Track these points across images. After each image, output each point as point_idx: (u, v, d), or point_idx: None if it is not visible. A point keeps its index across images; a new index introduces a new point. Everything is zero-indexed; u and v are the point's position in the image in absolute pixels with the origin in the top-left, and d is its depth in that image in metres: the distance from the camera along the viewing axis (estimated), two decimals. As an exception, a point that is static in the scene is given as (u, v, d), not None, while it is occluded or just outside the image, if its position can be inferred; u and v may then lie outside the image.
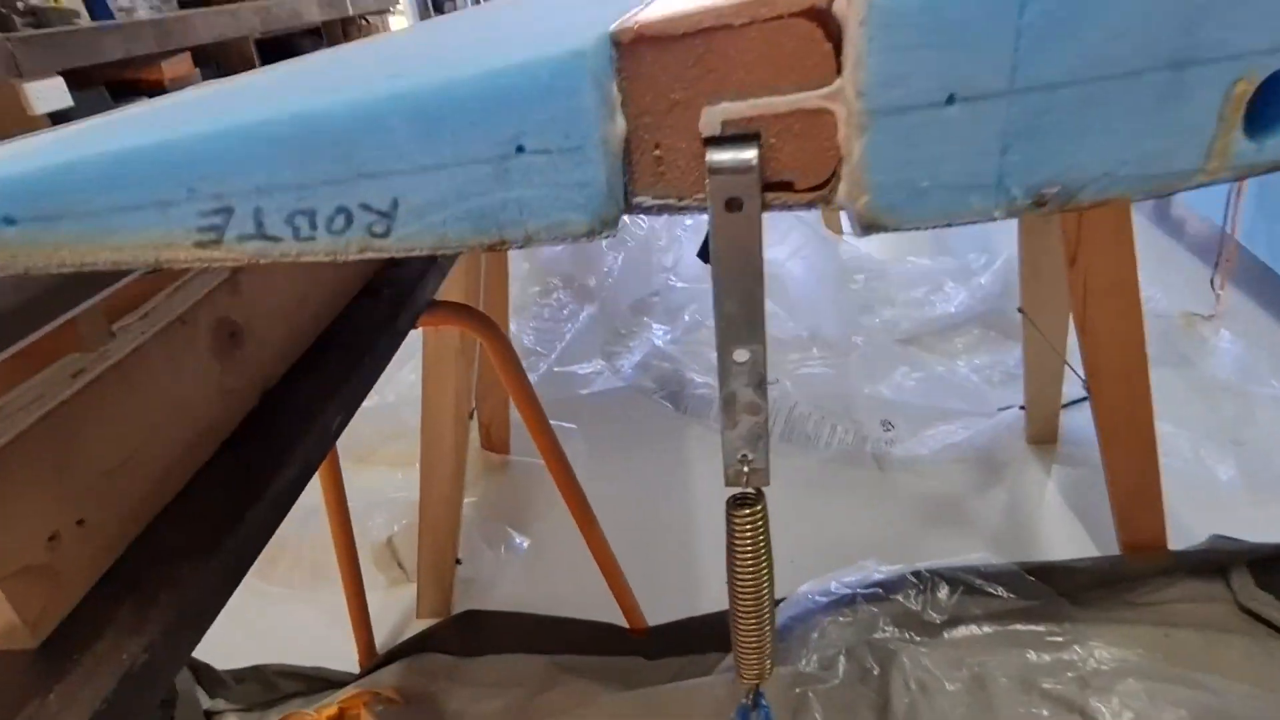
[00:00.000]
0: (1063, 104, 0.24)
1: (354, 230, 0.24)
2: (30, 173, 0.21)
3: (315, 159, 0.22)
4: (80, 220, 0.22)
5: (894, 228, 0.25)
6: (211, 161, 0.22)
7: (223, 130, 0.22)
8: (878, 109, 0.23)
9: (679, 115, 0.26)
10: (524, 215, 0.25)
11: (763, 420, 0.33)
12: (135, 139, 0.22)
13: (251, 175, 0.22)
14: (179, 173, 0.22)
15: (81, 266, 0.23)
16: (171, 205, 0.22)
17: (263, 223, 0.23)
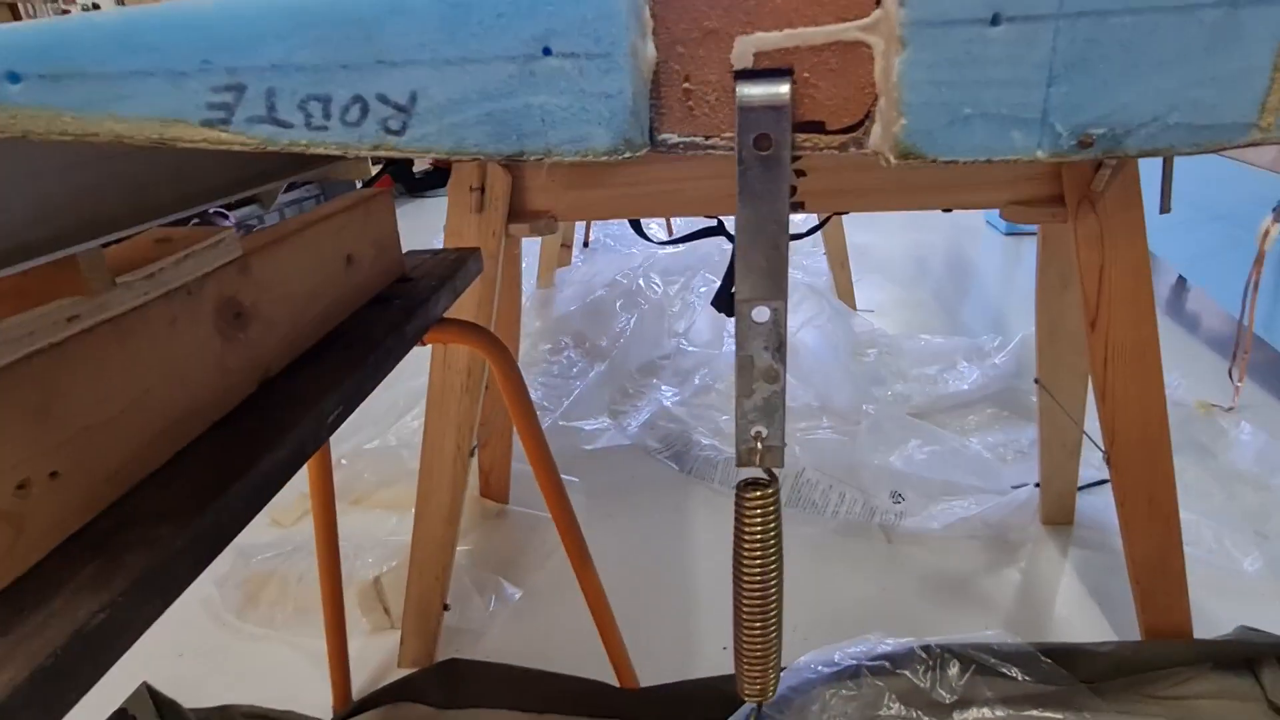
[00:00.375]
0: (1113, 34, 0.23)
1: (369, 123, 0.23)
2: (42, 30, 0.21)
3: (335, 39, 0.22)
4: (88, 83, 0.21)
5: (931, 157, 0.24)
6: (228, 32, 0.21)
7: (243, 2, 0.21)
8: (920, 20, 0.22)
9: (711, 45, 0.26)
10: (546, 124, 0.24)
11: (780, 389, 0.31)
12: (154, 9, 0.22)
13: (267, 51, 0.21)
14: (194, 41, 0.21)
15: (83, 136, 0.22)
16: (184, 77, 0.21)
17: (275, 105, 0.22)
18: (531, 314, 2.57)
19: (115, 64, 0.21)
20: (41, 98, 0.21)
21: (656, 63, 0.26)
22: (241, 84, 0.22)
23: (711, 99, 0.27)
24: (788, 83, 0.26)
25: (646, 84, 0.26)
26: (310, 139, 0.23)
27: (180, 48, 0.21)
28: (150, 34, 0.21)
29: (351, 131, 0.23)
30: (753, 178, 0.27)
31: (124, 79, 0.21)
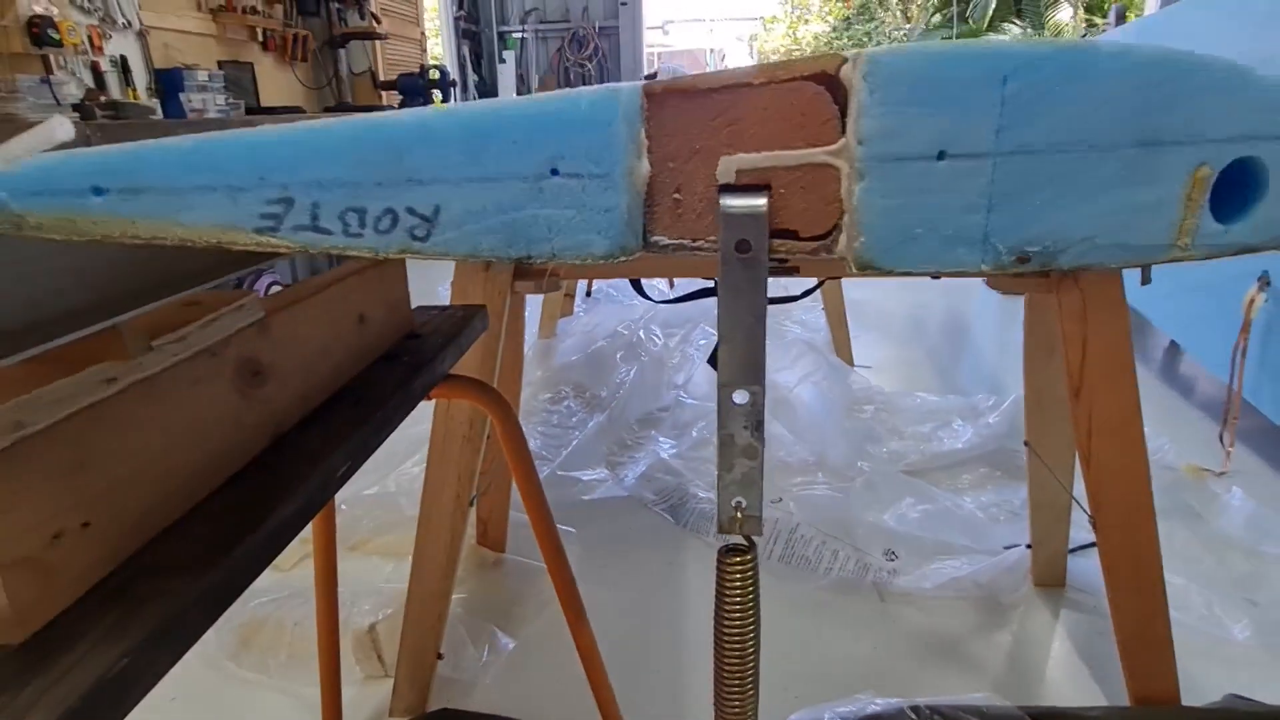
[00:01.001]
0: (1043, 168, 0.26)
1: (398, 231, 0.26)
2: (124, 151, 0.24)
3: (372, 161, 0.25)
4: (159, 196, 0.25)
5: (886, 270, 0.27)
6: (281, 155, 0.25)
7: (294, 131, 0.25)
8: (875, 156, 0.26)
9: (699, 163, 0.29)
10: (552, 233, 0.27)
11: (758, 466, 0.34)
12: (219, 136, 0.25)
13: (314, 170, 0.25)
14: (252, 161, 0.25)
15: (152, 239, 0.25)
16: (241, 191, 0.25)
17: (318, 216, 0.26)
18: (533, 363, 2.60)
19: (182, 181, 0.25)
20: (120, 209, 0.25)
21: (650, 176, 0.29)
22: (290, 198, 0.25)
23: (698, 208, 0.30)
24: (765, 197, 0.29)
25: (641, 196, 0.29)
26: (347, 244, 0.26)
27: (240, 166, 0.25)
28: (213, 156, 0.25)
29: (382, 238, 0.26)
30: (733, 276, 0.30)
31: (189, 193, 0.25)
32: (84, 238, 0.25)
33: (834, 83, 0.28)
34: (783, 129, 0.29)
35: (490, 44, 8.16)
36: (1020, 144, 0.26)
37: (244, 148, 0.25)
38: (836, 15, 14.79)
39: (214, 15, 3.50)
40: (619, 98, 0.26)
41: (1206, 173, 0.28)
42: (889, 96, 0.25)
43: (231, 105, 3.33)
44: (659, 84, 0.29)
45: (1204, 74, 0.26)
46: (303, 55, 3.98)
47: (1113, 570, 1.01)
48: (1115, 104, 0.26)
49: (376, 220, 0.26)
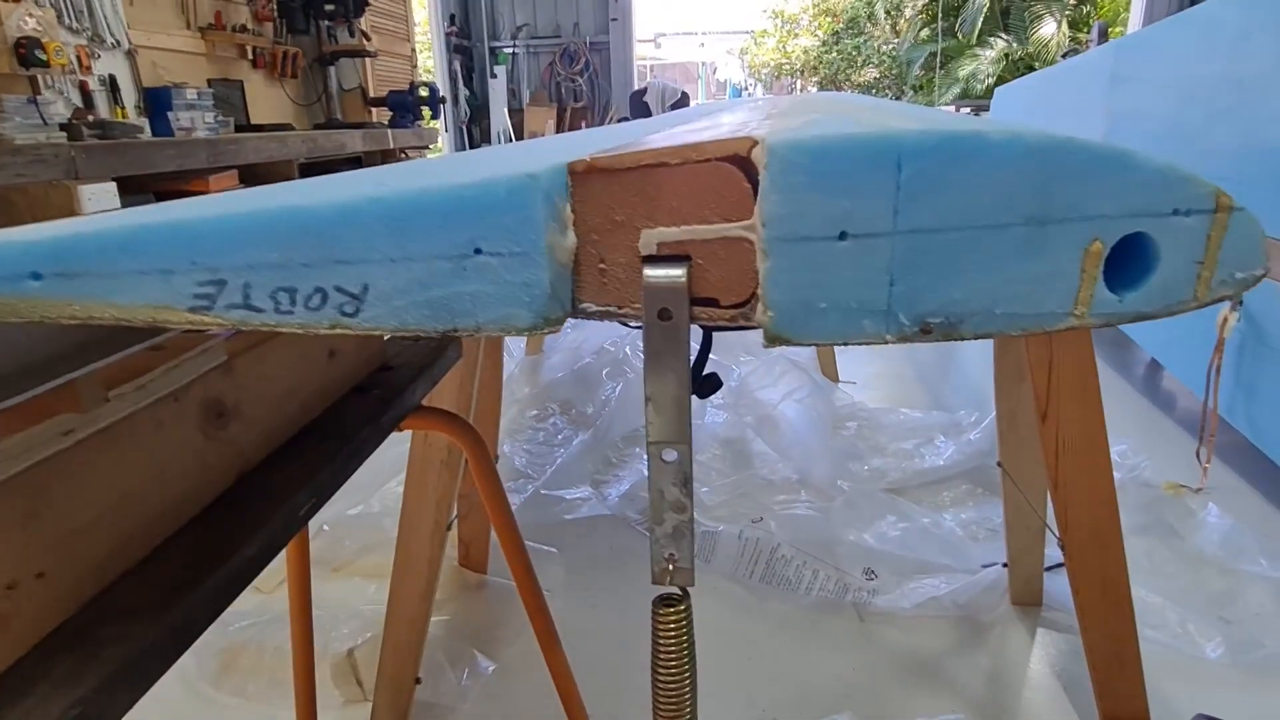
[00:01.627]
0: (940, 246, 0.28)
1: (327, 308, 0.28)
2: (59, 237, 0.26)
3: (298, 245, 0.27)
4: (95, 280, 0.26)
5: (794, 342, 0.29)
6: (212, 239, 0.26)
7: (224, 215, 0.26)
8: (779, 238, 0.27)
9: (621, 235, 0.31)
10: (476, 307, 0.29)
11: (688, 519, 0.35)
12: (151, 218, 0.27)
13: (245, 254, 0.26)
14: (184, 246, 0.26)
15: (88, 319, 0.26)
16: (173, 274, 0.26)
17: (250, 295, 0.27)
18: (520, 380, 2.62)
19: (117, 265, 0.26)
20: (56, 291, 0.26)
21: (577, 247, 0.31)
22: (223, 279, 0.26)
23: (622, 277, 0.32)
24: (685, 267, 0.31)
25: (566, 269, 0.31)
26: (278, 321, 0.27)
27: (172, 251, 0.26)
28: (148, 239, 0.26)
29: (313, 315, 0.27)
30: (656, 341, 0.32)
31: (124, 276, 0.26)
32: (23, 319, 0.26)
33: (746, 163, 0.29)
34: (700, 204, 0.30)
35: (482, 59, 8.21)
36: (917, 224, 0.28)
37: (175, 233, 0.26)
38: (825, 30, 14.93)
39: (203, 33, 3.52)
40: (537, 183, 0.28)
41: (1099, 247, 0.29)
42: (790, 183, 0.27)
43: (221, 123, 3.35)
44: (582, 162, 0.30)
45: (1089, 156, 0.28)
46: (292, 72, 4.00)
47: (1082, 591, 1.03)
48: (1005, 185, 0.28)
49: (307, 298, 0.27)
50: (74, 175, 1.88)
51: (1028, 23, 9.85)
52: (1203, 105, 2.06)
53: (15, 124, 2.48)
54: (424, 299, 0.28)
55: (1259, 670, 1.24)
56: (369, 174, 0.48)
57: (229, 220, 0.26)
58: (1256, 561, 1.50)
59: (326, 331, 0.28)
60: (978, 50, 10.25)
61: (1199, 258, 0.29)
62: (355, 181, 0.34)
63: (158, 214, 0.27)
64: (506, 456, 2.04)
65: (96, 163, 1.94)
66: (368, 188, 0.29)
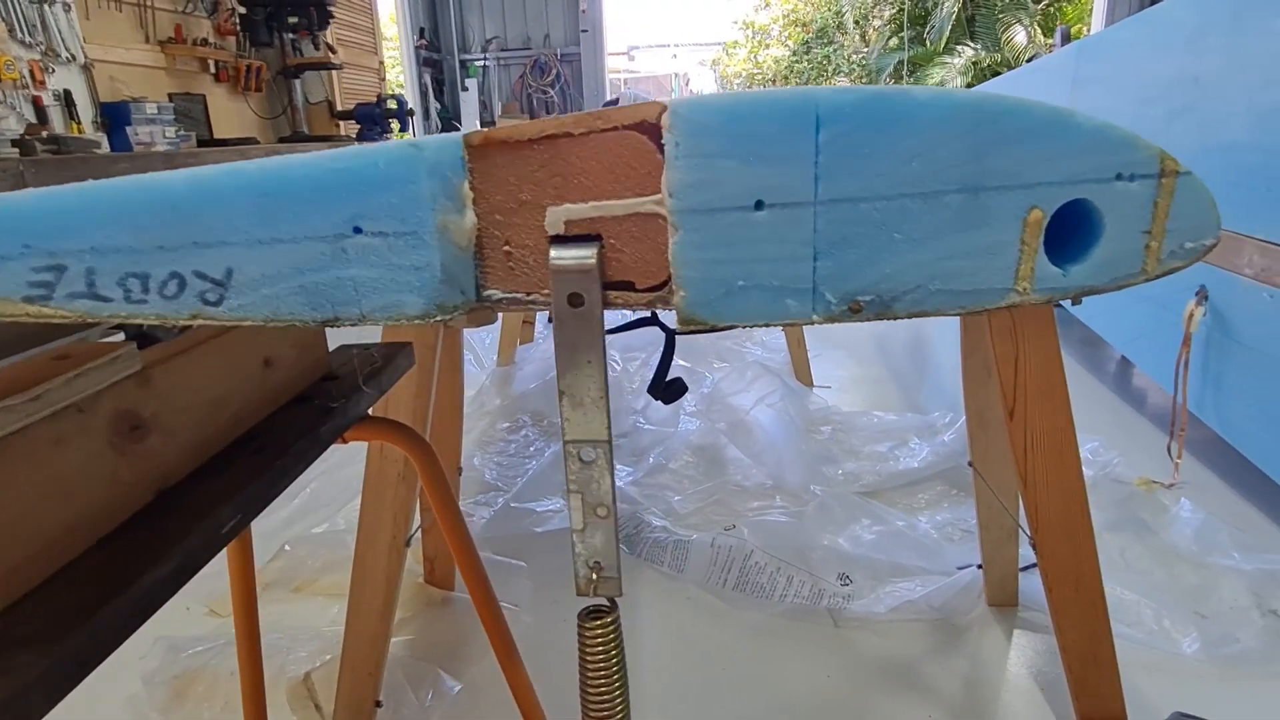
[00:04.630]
0: (868, 217, 0.26)
1: (186, 296, 0.25)
2: None
3: (152, 225, 0.24)
4: (-89, 266, 0.23)
5: (711, 325, 0.26)
6: (47, 219, 0.23)
7: (63, 192, 0.23)
8: (688, 209, 0.25)
9: (526, 214, 0.28)
10: (359, 294, 0.26)
11: (612, 524, 0.32)
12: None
13: (87, 235, 0.23)
14: (14, 228, 0.23)
15: (-93, 312, 0.23)
16: (4, 260, 0.23)
17: (94, 283, 0.24)
18: (491, 392, 2.57)
19: (-62, 250, 0.23)
20: None
21: (479, 229, 0.28)
22: (62, 264, 0.23)
23: (530, 261, 0.29)
24: (595, 248, 0.28)
25: (466, 252, 0.28)
26: (130, 311, 0.24)
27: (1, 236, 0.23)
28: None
29: (169, 304, 0.24)
30: (568, 330, 0.29)
31: (-54, 263, 0.23)
32: None
33: (656, 131, 0.27)
34: (609, 179, 0.28)
35: (452, 72, 8.18)
36: (842, 193, 0.25)
37: (4, 213, 0.23)
38: (796, 39, 15.07)
39: (163, 47, 3.46)
40: (421, 154, 0.25)
41: (1039, 216, 0.27)
42: (697, 148, 0.24)
43: (182, 137, 3.29)
44: (478, 134, 0.27)
45: (1025, 118, 0.25)
46: (256, 86, 3.94)
47: (1055, 590, 1.01)
48: (935, 149, 0.25)
49: (162, 285, 0.24)
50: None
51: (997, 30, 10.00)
52: (1162, 103, 2.08)
53: (-36, 139, 2.41)
54: (298, 285, 0.25)
55: (1234, 664, 1.23)
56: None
57: (67, 197, 0.23)
58: (1229, 555, 1.50)
59: (187, 322, 0.25)
60: (946, 58, 10.38)
61: (1145, 226, 0.27)
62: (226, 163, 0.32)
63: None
64: (477, 469, 2.00)
65: (46, 177, 1.88)
66: (234, 165, 0.26)
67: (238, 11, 3.76)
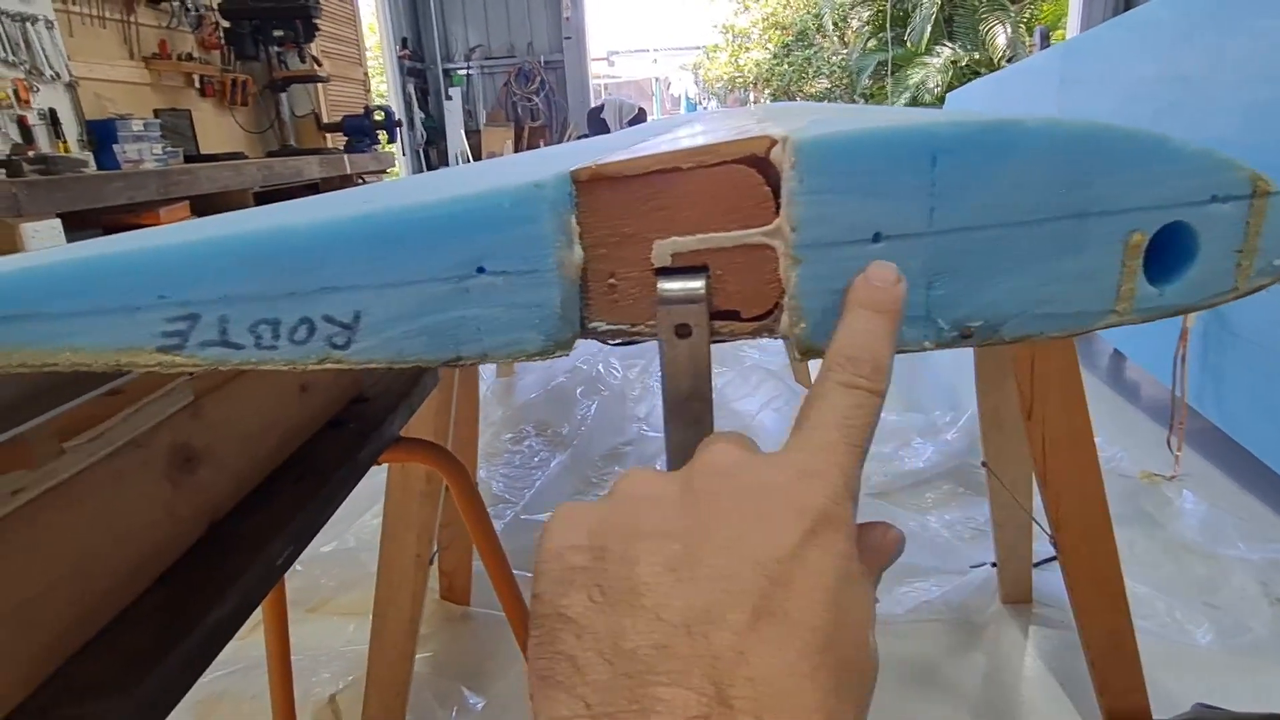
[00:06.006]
0: (978, 245, 0.26)
1: (315, 341, 0.25)
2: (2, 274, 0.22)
3: (281, 272, 0.24)
4: (46, 322, 0.23)
5: (831, 354, 0.27)
6: (182, 269, 0.23)
7: (195, 241, 0.23)
8: (810, 243, 0.25)
9: (631, 247, 0.29)
10: (481, 333, 0.26)
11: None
12: (109, 249, 0.24)
13: (219, 284, 0.23)
14: (149, 279, 0.23)
15: (42, 368, 0.23)
16: (139, 310, 0.23)
17: (226, 330, 0.24)
18: (493, 403, 2.57)
19: (71, 304, 0.23)
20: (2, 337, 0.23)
21: (584, 262, 0.28)
22: (195, 314, 0.23)
23: (635, 293, 0.29)
24: (703, 279, 0.28)
25: (574, 286, 0.28)
26: (260, 358, 0.24)
27: (135, 285, 0.23)
28: (105, 273, 0.23)
29: (299, 349, 0.25)
30: (675, 361, 0.29)
31: (80, 317, 0.23)
32: (-38, 370, 0.23)
33: (764, 164, 0.27)
34: (716, 211, 0.28)
35: (436, 81, 8.17)
36: (954, 222, 0.26)
37: (139, 264, 0.23)
38: (776, 42, 15.16)
39: (147, 63, 3.43)
40: (543, 193, 0.25)
41: (1139, 239, 0.27)
42: (820, 184, 0.25)
43: (170, 153, 3.26)
44: (586, 170, 0.28)
45: (1127, 145, 0.26)
46: (243, 100, 3.92)
47: (1077, 587, 1.02)
48: (1044, 178, 0.26)
49: (292, 331, 0.24)
50: (16, 212, 1.80)
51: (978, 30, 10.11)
52: (1148, 102, 2.11)
53: (-49, 162, 2.37)
54: (422, 326, 0.25)
55: (1248, 653, 1.25)
56: (356, 193, 0.45)
57: (199, 247, 0.23)
58: (1235, 545, 1.52)
59: (315, 367, 0.25)
60: (926, 58, 10.48)
61: (1238, 246, 0.28)
62: (341, 201, 0.32)
63: (116, 244, 0.24)
64: (484, 481, 1.99)
65: (41, 198, 1.86)
66: (355, 206, 0.26)
67: (222, 26, 3.73)
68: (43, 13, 2.81)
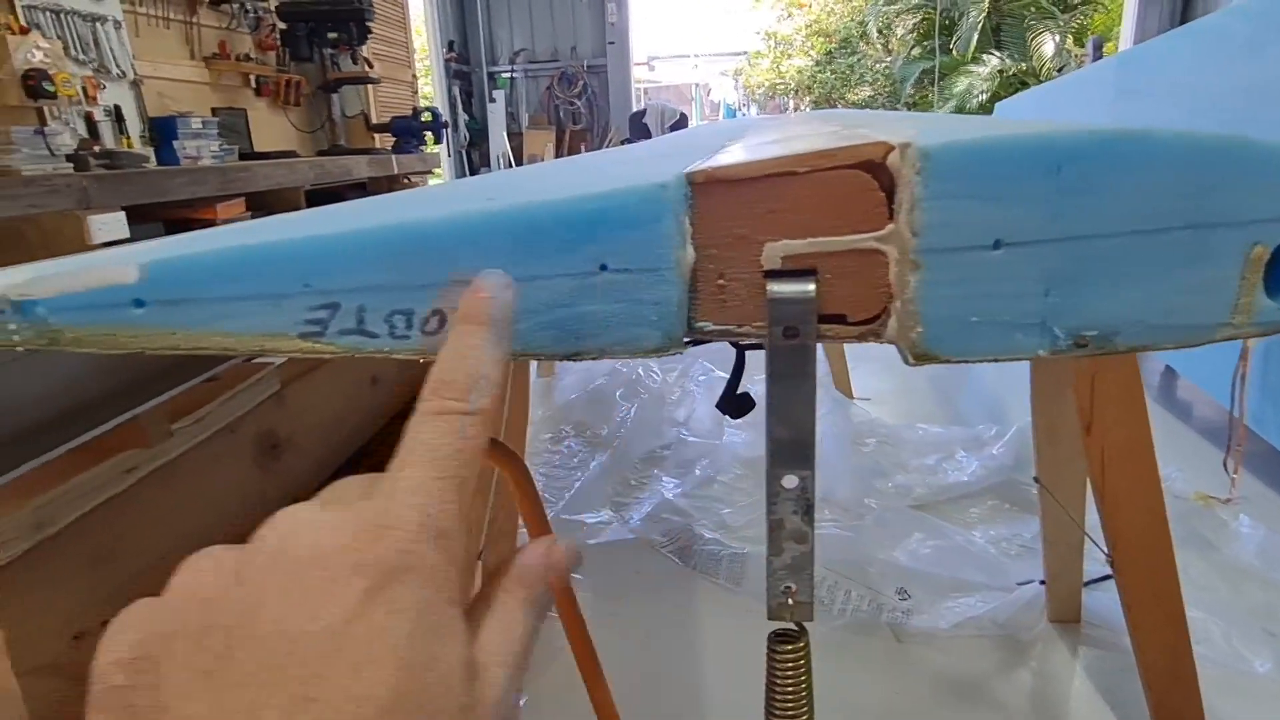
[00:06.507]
0: (1098, 254, 0.26)
1: (445, 332, 0.26)
2: (165, 260, 0.24)
3: (418, 264, 0.25)
4: (201, 306, 0.24)
5: (944, 359, 0.27)
6: (327, 260, 0.24)
7: (340, 234, 0.24)
8: (931, 249, 0.26)
9: (743, 249, 0.29)
10: (602, 328, 0.27)
11: (809, 550, 0.33)
12: (259, 238, 0.25)
13: (360, 275, 0.24)
14: (296, 268, 0.24)
15: (193, 350, 0.24)
16: (285, 298, 0.24)
17: (363, 319, 0.25)
18: (533, 403, 2.59)
19: (227, 289, 0.24)
20: (161, 320, 0.24)
21: (694, 263, 0.29)
22: (336, 303, 0.24)
23: (743, 294, 0.30)
24: (813, 282, 0.29)
25: (686, 285, 0.29)
26: (393, 346, 0.25)
27: (284, 273, 0.24)
28: (259, 261, 0.24)
29: (430, 340, 0.26)
30: (781, 362, 0.30)
31: (232, 302, 0.24)
32: (122, 350, 0.24)
33: (880, 169, 0.28)
34: (828, 215, 0.28)
35: (481, 84, 8.27)
36: (1076, 231, 0.26)
37: (289, 254, 0.24)
38: (819, 49, 15.07)
39: (207, 63, 3.53)
40: (667, 194, 0.26)
41: (1261, 252, 0.27)
42: (945, 189, 0.25)
43: (226, 150, 3.35)
44: (702, 173, 0.28)
45: (1256, 157, 0.26)
46: (296, 100, 4.01)
47: (1134, 608, 1.00)
48: (1167, 189, 0.26)
49: (424, 321, 0.25)
50: (86, 205, 1.87)
51: (1027, 40, 9.94)
52: (1214, 114, 2.06)
53: (23, 155, 2.47)
54: (548, 320, 0.26)
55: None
56: (463, 186, 0.46)
57: (342, 239, 0.24)
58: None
59: (444, 358, 0.26)
60: (971, 67, 10.33)
61: (1359, 259, 0.27)
62: (461, 195, 0.33)
63: (265, 233, 0.25)
64: (524, 480, 2.01)
65: (109, 192, 1.93)
66: (479, 201, 0.27)
67: (279, 28, 3.82)
68: (112, 13, 2.91)
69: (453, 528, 0.24)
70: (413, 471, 0.24)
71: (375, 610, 0.20)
